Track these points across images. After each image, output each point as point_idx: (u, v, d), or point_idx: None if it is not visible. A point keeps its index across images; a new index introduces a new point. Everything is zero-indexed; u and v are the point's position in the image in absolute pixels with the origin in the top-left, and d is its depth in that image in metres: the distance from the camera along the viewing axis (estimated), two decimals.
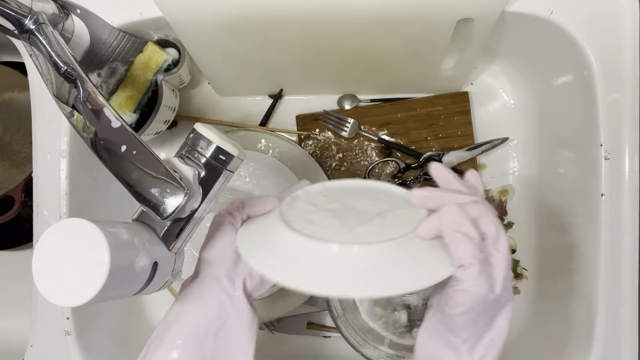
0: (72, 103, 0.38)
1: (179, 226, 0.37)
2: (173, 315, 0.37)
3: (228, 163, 0.37)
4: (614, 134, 0.51)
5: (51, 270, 0.31)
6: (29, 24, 0.41)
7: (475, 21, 0.49)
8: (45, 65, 0.40)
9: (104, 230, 0.30)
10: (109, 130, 0.36)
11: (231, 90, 0.67)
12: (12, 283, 0.73)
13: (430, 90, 0.66)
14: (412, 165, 0.65)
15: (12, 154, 0.64)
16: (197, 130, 0.37)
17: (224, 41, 0.53)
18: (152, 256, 0.34)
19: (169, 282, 0.38)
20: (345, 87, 0.67)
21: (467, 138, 0.66)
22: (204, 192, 0.37)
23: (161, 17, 0.50)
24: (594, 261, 0.52)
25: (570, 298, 0.57)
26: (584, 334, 0.53)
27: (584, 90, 0.53)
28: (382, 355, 0.57)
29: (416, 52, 0.55)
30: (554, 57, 0.57)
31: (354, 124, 0.66)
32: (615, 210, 0.51)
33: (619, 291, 0.51)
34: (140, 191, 0.34)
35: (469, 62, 0.59)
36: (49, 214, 0.54)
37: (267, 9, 0.47)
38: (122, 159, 0.35)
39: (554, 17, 0.51)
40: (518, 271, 0.65)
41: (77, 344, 0.54)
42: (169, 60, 0.56)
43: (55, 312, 0.54)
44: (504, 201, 0.67)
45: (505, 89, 0.68)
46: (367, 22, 0.49)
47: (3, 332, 0.72)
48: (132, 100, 0.55)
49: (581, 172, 0.56)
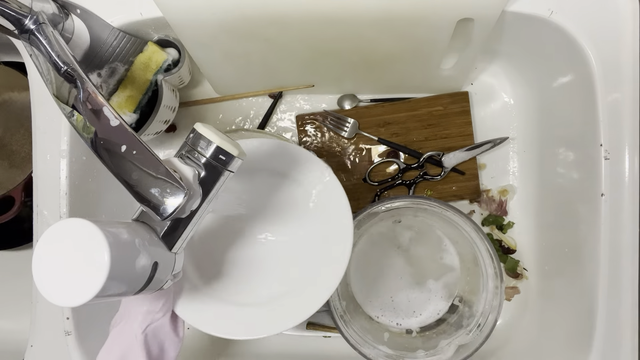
0: (72, 103, 0.38)
1: (179, 226, 0.37)
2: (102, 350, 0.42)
3: (228, 163, 0.37)
4: (614, 134, 0.51)
5: (51, 270, 0.31)
6: (29, 24, 0.41)
7: (475, 21, 0.49)
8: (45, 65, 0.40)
9: (104, 230, 0.30)
10: (109, 130, 0.36)
11: (231, 90, 0.67)
12: (12, 283, 0.73)
13: (430, 90, 0.66)
14: (412, 166, 0.65)
15: (12, 154, 0.64)
16: (197, 130, 0.36)
17: (224, 41, 0.53)
18: (152, 256, 0.34)
19: (169, 282, 0.38)
20: (345, 87, 0.67)
21: (467, 138, 0.66)
22: (204, 192, 0.37)
23: (161, 17, 0.50)
24: (594, 261, 0.52)
25: (570, 298, 0.57)
26: (584, 334, 0.53)
27: (584, 90, 0.53)
28: (381, 355, 0.57)
29: (416, 52, 0.55)
30: (554, 57, 0.57)
31: (354, 124, 0.66)
32: (615, 210, 0.51)
33: (619, 291, 0.51)
34: (140, 191, 0.34)
35: (469, 62, 0.59)
36: (49, 214, 0.54)
37: (267, 9, 0.47)
38: (122, 159, 0.35)
39: (554, 17, 0.51)
40: (518, 271, 0.65)
41: (77, 344, 0.54)
42: (169, 60, 0.56)
43: (55, 312, 0.54)
44: (504, 201, 0.67)
45: (505, 89, 0.68)
46: (367, 23, 0.49)
47: (3, 332, 0.72)
48: (132, 100, 0.55)
49: (581, 172, 0.56)
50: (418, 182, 0.66)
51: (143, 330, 0.41)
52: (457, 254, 0.63)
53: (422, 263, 0.64)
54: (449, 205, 0.56)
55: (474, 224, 0.56)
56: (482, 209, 0.67)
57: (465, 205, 0.68)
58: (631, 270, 0.51)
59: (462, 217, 0.56)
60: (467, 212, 0.67)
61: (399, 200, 0.58)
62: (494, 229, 0.67)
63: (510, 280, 0.66)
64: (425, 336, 0.62)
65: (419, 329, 0.63)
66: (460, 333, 0.58)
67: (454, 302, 0.63)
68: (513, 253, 0.66)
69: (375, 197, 0.66)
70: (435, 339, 0.60)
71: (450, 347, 0.57)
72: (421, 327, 0.63)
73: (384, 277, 0.63)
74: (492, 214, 0.67)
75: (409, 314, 0.63)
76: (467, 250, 0.61)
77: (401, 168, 0.66)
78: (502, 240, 0.66)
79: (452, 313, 0.62)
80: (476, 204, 0.68)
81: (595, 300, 0.52)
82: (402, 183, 0.66)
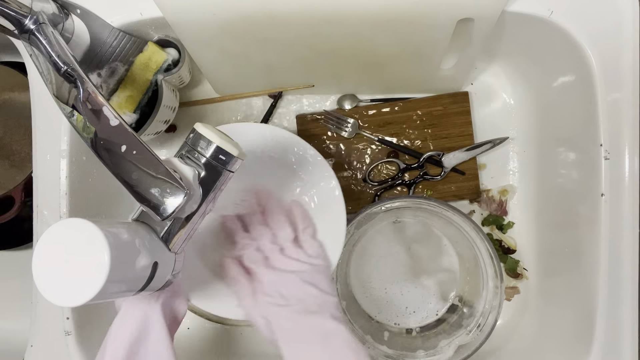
0: (72, 103, 0.38)
1: (179, 226, 0.37)
2: (109, 331, 0.41)
3: (228, 163, 0.37)
4: (614, 134, 0.51)
5: (51, 270, 0.31)
6: (29, 24, 0.41)
7: (475, 21, 0.49)
8: (45, 65, 0.40)
9: (104, 230, 0.30)
10: (109, 130, 0.36)
11: (231, 90, 0.67)
12: (12, 283, 0.72)
13: (430, 90, 0.66)
14: (412, 166, 0.65)
15: (12, 154, 0.63)
16: (197, 130, 0.36)
17: (224, 41, 0.53)
18: (152, 256, 0.34)
19: (169, 282, 0.38)
20: (345, 87, 0.67)
21: (467, 138, 0.66)
22: (204, 192, 0.37)
23: (161, 17, 0.50)
24: (594, 261, 0.52)
25: (570, 298, 0.57)
26: (584, 334, 0.53)
27: (584, 90, 0.53)
28: (381, 355, 0.57)
29: (416, 52, 0.55)
30: (554, 57, 0.57)
31: (354, 124, 0.66)
32: (615, 210, 0.51)
33: (619, 291, 0.51)
34: (140, 191, 0.34)
35: (469, 62, 0.59)
36: (49, 214, 0.54)
37: (267, 9, 0.47)
38: (122, 159, 0.35)
39: (554, 17, 0.51)
40: (518, 271, 0.65)
41: (77, 344, 0.54)
42: (169, 60, 0.55)
43: (55, 312, 0.54)
44: (504, 201, 0.67)
45: (505, 89, 0.68)
46: (367, 22, 0.49)
47: (3, 332, 0.72)
48: (132, 100, 0.55)
49: (581, 172, 0.56)
50: (418, 182, 0.66)
51: (157, 298, 0.42)
52: (457, 254, 0.63)
53: (421, 263, 0.64)
54: (449, 205, 0.56)
55: (474, 224, 0.56)
56: (482, 209, 0.67)
57: (465, 205, 0.68)
58: (631, 270, 0.51)
59: (462, 217, 0.56)
60: (467, 212, 0.67)
61: (399, 200, 0.58)
62: (494, 229, 0.67)
63: (510, 280, 0.66)
64: (425, 336, 0.62)
65: (418, 328, 0.63)
66: (460, 333, 0.58)
67: (453, 302, 0.63)
68: (513, 253, 0.66)
69: (375, 197, 0.66)
70: (435, 339, 0.60)
71: (450, 347, 0.57)
72: (421, 326, 0.63)
73: (384, 276, 0.64)
74: (492, 214, 0.67)
75: (407, 313, 0.63)
76: (467, 250, 0.61)
77: (401, 168, 0.66)
78: (502, 240, 0.66)
79: (452, 313, 0.62)
80: (476, 204, 0.68)
81: (595, 300, 0.52)
82: (402, 183, 0.66)
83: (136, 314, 0.41)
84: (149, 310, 0.41)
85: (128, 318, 0.41)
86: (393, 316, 0.63)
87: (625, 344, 0.51)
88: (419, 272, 0.63)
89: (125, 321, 0.41)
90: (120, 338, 0.40)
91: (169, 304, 0.44)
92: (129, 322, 0.41)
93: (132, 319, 0.41)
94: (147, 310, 0.41)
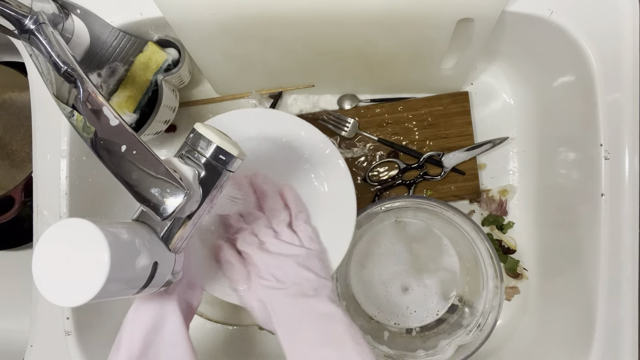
0: (72, 103, 0.38)
1: (179, 226, 0.37)
2: (124, 324, 0.40)
3: (228, 163, 0.37)
4: (614, 134, 0.51)
5: (51, 270, 0.31)
6: (29, 24, 0.41)
7: (475, 21, 0.49)
8: (45, 65, 0.40)
9: (104, 230, 0.30)
10: (108, 130, 0.36)
11: (231, 90, 0.67)
12: (12, 283, 0.72)
13: (430, 90, 0.66)
14: (412, 166, 0.65)
15: (12, 154, 0.63)
16: (197, 130, 0.36)
17: (224, 41, 0.53)
18: (152, 256, 0.34)
19: (169, 282, 0.38)
20: (345, 87, 0.67)
21: (467, 138, 0.66)
22: (204, 192, 0.37)
23: (161, 17, 0.50)
24: (594, 261, 0.52)
25: (570, 298, 0.57)
26: (584, 334, 0.53)
27: (584, 90, 0.53)
28: (381, 355, 0.57)
29: (416, 52, 0.55)
30: (554, 57, 0.57)
31: (354, 124, 0.66)
32: (615, 210, 0.51)
33: (619, 291, 0.51)
34: (140, 191, 0.34)
35: (469, 62, 0.59)
36: (49, 214, 0.54)
37: (267, 9, 0.47)
38: (122, 159, 0.35)
39: (554, 17, 0.51)
40: (518, 271, 0.65)
41: (77, 344, 0.54)
42: (169, 60, 0.56)
43: (55, 312, 0.54)
44: (504, 201, 0.67)
45: (505, 89, 0.68)
46: (367, 22, 0.49)
47: (3, 332, 0.72)
48: (132, 100, 0.55)
49: (581, 172, 0.56)
50: (418, 182, 0.66)
51: (172, 288, 0.41)
52: (457, 254, 0.63)
53: (421, 262, 0.64)
54: (449, 205, 0.56)
55: (474, 224, 0.56)
56: (482, 209, 0.67)
57: (465, 205, 0.68)
58: (631, 270, 0.51)
59: (462, 217, 0.56)
60: (467, 212, 0.67)
61: (399, 200, 0.58)
62: (494, 229, 0.67)
63: (510, 280, 0.66)
64: (425, 336, 0.62)
65: (418, 328, 0.63)
66: (460, 333, 0.58)
67: (453, 302, 0.63)
68: (513, 253, 0.66)
69: (375, 197, 0.66)
70: (435, 338, 0.60)
71: (450, 347, 0.57)
72: (421, 326, 0.63)
73: (383, 276, 0.63)
74: (492, 214, 0.67)
75: (407, 312, 0.63)
76: (467, 250, 0.61)
77: (401, 168, 0.66)
78: (502, 240, 0.66)
79: (452, 313, 0.62)
80: (476, 204, 0.68)
81: (595, 300, 0.52)
82: (402, 183, 0.66)
83: (151, 305, 0.40)
84: (163, 300, 0.41)
85: (143, 309, 0.40)
86: (393, 316, 0.63)
87: (625, 344, 0.51)
88: (420, 272, 0.63)
89: (140, 312, 0.40)
90: (136, 328, 0.39)
91: (184, 293, 0.43)
92: (144, 313, 0.40)
93: (147, 310, 0.40)
94: (162, 300, 0.41)
